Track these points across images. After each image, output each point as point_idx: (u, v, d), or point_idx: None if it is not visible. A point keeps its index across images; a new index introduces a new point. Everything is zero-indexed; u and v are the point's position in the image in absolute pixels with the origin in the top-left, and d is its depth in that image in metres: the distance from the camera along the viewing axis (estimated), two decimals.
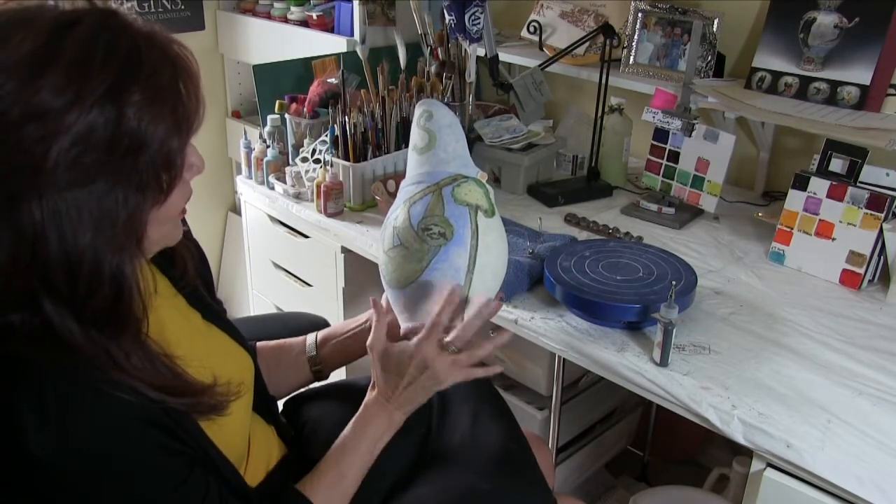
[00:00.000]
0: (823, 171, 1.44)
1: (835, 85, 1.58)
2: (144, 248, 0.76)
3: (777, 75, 1.66)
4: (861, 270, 1.39)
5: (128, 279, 0.72)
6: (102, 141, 0.68)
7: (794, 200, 1.46)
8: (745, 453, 1.08)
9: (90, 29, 0.70)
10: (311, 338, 1.17)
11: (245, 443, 0.95)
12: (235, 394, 0.85)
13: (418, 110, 1.08)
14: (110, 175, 0.69)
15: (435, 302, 0.99)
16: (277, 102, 1.84)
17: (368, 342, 1.01)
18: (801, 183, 1.45)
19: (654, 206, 1.68)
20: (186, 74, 0.74)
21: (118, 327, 0.73)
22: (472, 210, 1.02)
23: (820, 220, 1.43)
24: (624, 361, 1.17)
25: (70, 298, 0.70)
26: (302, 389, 1.23)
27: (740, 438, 1.04)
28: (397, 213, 1.04)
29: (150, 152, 0.71)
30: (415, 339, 0.98)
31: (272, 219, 1.88)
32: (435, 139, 1.05)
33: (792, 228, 1.47)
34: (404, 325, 1.06)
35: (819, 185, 1.43)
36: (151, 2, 2.27)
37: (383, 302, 1.17)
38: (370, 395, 1.01)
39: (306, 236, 1.79)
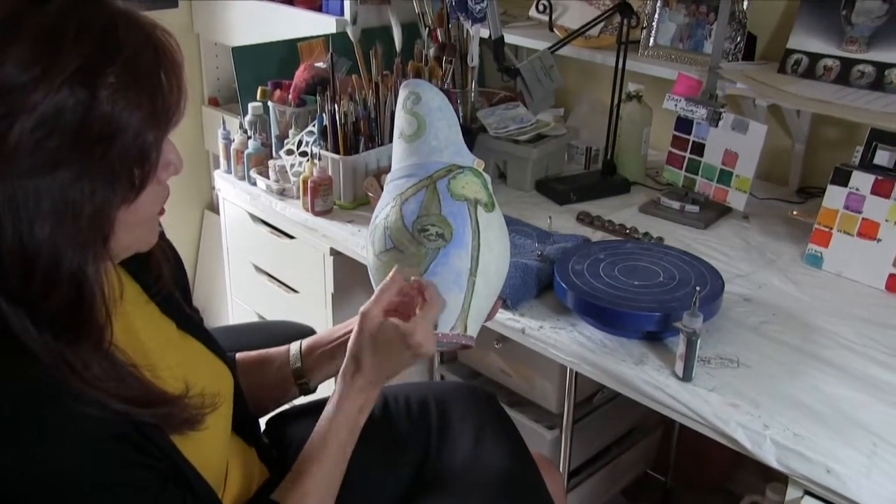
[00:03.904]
0: (867, 165, 1.43)
1: (881, 67, 1.57)
2: (112, 252, 0.76)
3: (815, 58, 1.65)
4: None
5: (90, 280, 0.72)
6: (70, 125, 0.68)
7: (834, 197, 1.45)
8: (779, 479, 1.08)
9: (64, 2, 0.70)
10: (294, 347, 1.16)
11: (224, 464, 0.95)
12: (210, 405, 0.84)
13: (403, 92, 1.07)
14: (77, 163, 0.69)
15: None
16: (259, 89, 1.84)
17: (363, 309, 0.97)
18: (842, 178, 1.44)
19: (676, 204, 1.68)
20: (169, 62, 0.75)
21: (77, 333, 0.73)
22: (470, 205, 1.02)
23: (863, 218, 1.42)
24: (643, 375, 1.17)
25: (23, 297, 0.70)
26: (286, 406, 1.22)
27: (773, 462, 1.03)
28: (388, 212, 1.03)
29: (123, 142, 0.71)
30: (412, 322, 0.95)
31: (254, 218, 1.87)
32: (424, 125, 1.04)
33: (831, 228, 1.46)
34: None
35: (862, 180, 1.42)
36: None
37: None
38: (348, 374, 0.98)
39: (292, 237, 1.79)
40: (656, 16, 1.86)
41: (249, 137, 1.81)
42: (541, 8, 2.00)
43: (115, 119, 0.70)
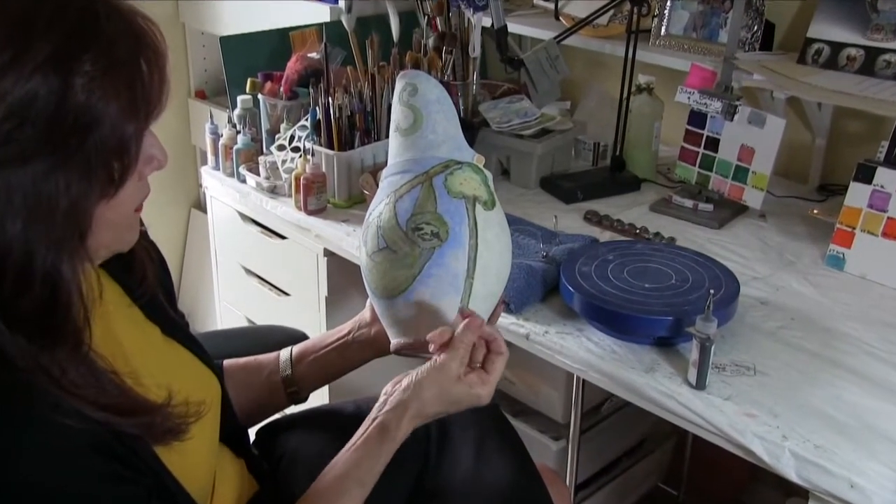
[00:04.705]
0: (893, 161, 1.42)
1: None
2: (91, 250, 0.76)
3: (837, 47, 1.65)
4: None
5: (65, 280, 0.72)
6: (43, 114, 0.68)
7: (857, 195, 1.45)
8: (799, 494, 1.08)
9: None
10: (284, 354, 1.17)
11: (210, 476, 0.95)
12: (195, 414, 0.84)
13: (400, 84, 1.07)
14: (51, 155, 0.69)
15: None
16: (249, 81, 1.84)
17: (447, 361, 0.96)
18: (866, 174, 1.44)
19: (688, 202, 1.68)
20: (151, 51, 0.75)
21: (53, 336, 0.72)
22: (468, 203, 1.01)
23: (888, 218, 1.42)
24: (654, 383, 1.17)
25: None
26: (277, 416, 1.22)
27: (793, 476, 1.03)
28: (381, 210, 1.04)
29: (100, 134, 0.71)
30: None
31: (243, 217, 1.88)
32: (421, 118, 1.05)
33: (854, 228, 1.46)
34: (395, 340, 1.05)
35: (888, 177, 1.42)
36: None
37: (367, 313, 1.16)
38: (396, 413, 0.97)
39: (283, 237, 1.79)
40: (668, 3, 1.86)
41: (238, 132, 1.81)
42: None
43: (90, 109, 0.70)
